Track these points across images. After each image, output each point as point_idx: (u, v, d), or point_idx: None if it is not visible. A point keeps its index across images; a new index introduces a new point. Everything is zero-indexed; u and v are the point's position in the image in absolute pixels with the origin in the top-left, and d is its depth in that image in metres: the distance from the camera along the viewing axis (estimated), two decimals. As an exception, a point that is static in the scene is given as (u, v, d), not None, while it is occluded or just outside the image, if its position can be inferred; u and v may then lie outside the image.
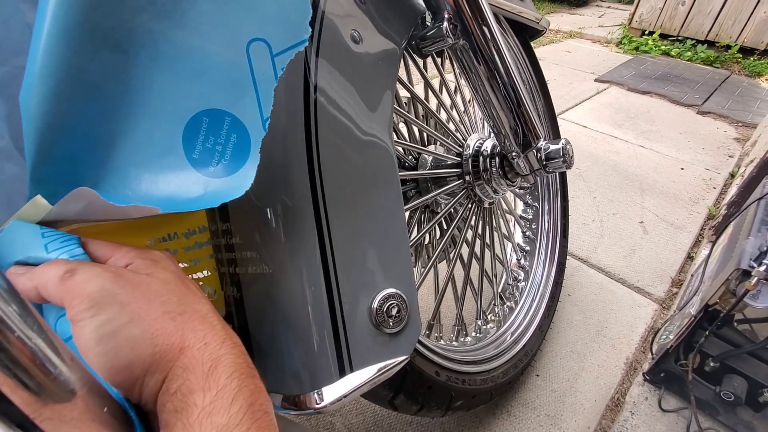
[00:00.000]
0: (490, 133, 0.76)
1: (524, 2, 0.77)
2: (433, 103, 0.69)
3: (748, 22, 2.69)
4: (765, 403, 0.69)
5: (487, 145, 0.64)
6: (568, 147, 0.58)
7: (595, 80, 2.34)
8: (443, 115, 0.69)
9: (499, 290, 0.83)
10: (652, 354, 0.82)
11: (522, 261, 0.88)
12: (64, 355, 0.16)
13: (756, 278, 0.62)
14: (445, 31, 0.47)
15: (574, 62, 2.61)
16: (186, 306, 0.26)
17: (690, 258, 1.15)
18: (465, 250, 0.69)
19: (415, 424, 0.73)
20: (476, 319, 0.73)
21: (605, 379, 0.83)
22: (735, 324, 0.70)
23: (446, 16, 0.48)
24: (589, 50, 2.89)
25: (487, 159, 0.63)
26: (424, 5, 0.50)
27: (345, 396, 0.37)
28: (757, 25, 2.67)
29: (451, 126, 0.67)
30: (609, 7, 4.27)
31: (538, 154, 0.59)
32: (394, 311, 0.40)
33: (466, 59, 0.53)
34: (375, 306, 0.39)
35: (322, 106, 0.37)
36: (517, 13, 0.72)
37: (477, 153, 0.64)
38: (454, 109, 0.68)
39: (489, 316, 0.77)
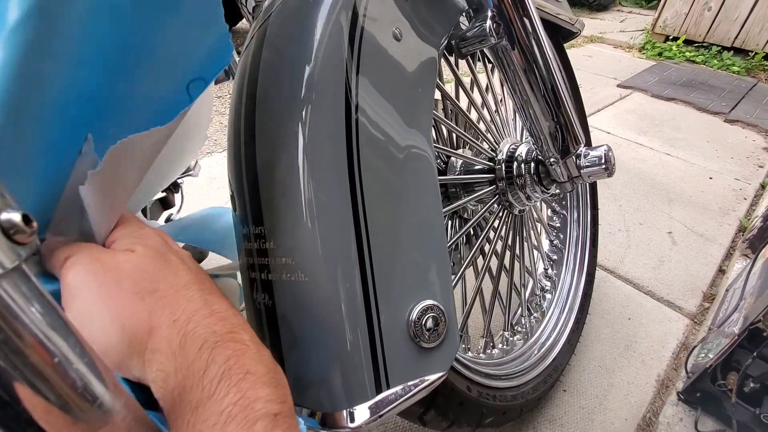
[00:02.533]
0: (523, 136, 0.73)
1: (560, 3, 0.74)
2: (463, 103, 0.66)
3: (777, 29, 2.61)
4: (812, 429, 0.65)
5: (522, 150, 0.62)
6: (609, 154, 0.55)
7: (618, 86, 2.29)
8: (474, 117, 0.66)
9: (527, 301, 0.80)
10: (686, 372, 0.78)
11: (549, 270, 0.85)
12: (108, 381, 0.14)
13: (808, 297, 0.58)
14: (488, 31, 0.45)
15: (595, 67, 2.56)
16: (159, 282, 0.25)
17: (722, 271, 1.10)
18: (492, 258, 0.66)
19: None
20: (503, 330, 0.70)
21: (636, 396, 0.79)
22: (780, 344, 0.66)
23: (489, 14, 0.46)
24: (610, 55, 2.84)
25: (522, 164, 0.61)
26: (464, 2, 0.48)
27: (381, 415, 0.35)
28: (787, 32, 2.59)
29: (483, 128, 0.65)
30: (630, 12, 4.20)
31: (578, 161, 0.56)
32: (432, 324, 0.38)
33: (505, 59, 0.51)
34: (413, 318, 0.37)
35: (364, 126, 0.35)
36: (555, 14, 0.69)
37: (511, 158, 0.62)
38: (485, 110, 0.66)
39: (516, 328, 0.74)
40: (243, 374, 0.21)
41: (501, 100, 0.71)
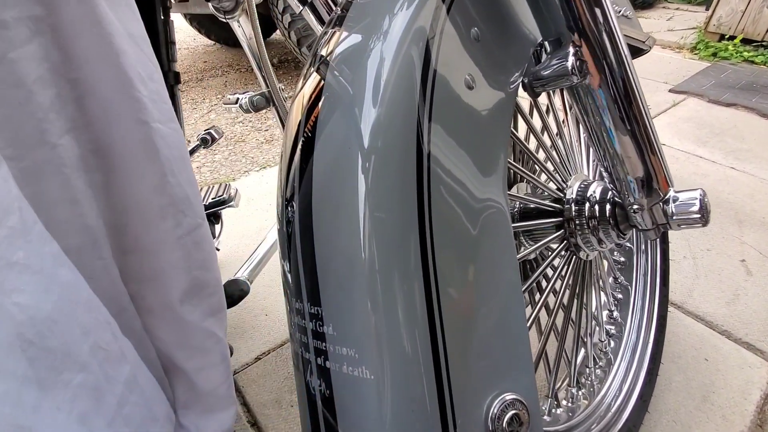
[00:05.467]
0: (596, 174, 0.66)
1: (631, 20, 0.66)
2: (521, 134, 0.60)
3: None
4: None
5: (596, 189, 0.55)
6: (705, 200, 0.48)
7: (670, 91, 2.13)
8: (536, 149, 0.60)
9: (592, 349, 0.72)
10: (782, 436, 0.68)
11: (614, 312, 0.77)
12: None
13: None
14: (570, 69, 0.39)
15: (643, 71, 2.40)
16: None
17: (809, 307, 0.98)
18: (553, 304, 0.59)
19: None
20: (568, 386, 0.63)
21: (718, 459, 0.70)
22: None
23: (572, 50, 0.39)
24: (659, 57, 2.67)
25: (596, 205, 0.54)
26: (539, 33, 0.42)
27: None
28: None
29: (549, 166, 0.58)
30: (677, 9, 3.96)
31: (666, 206, 0.49)
32: (513, 423, 0.32)
33: (585, 97, 0.44)
34: (493, 417, 0.32)
35: (437, 175, 0.30)
36: (629, 34, 0.62)
37: (582, 198, 0.55)
38: (547, 137, 0.59)
39: (581, 380, 0.67)
40: None
41: (563, 122, 0.65)
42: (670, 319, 0.93)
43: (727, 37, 2.76)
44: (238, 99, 0.84)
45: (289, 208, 0.35)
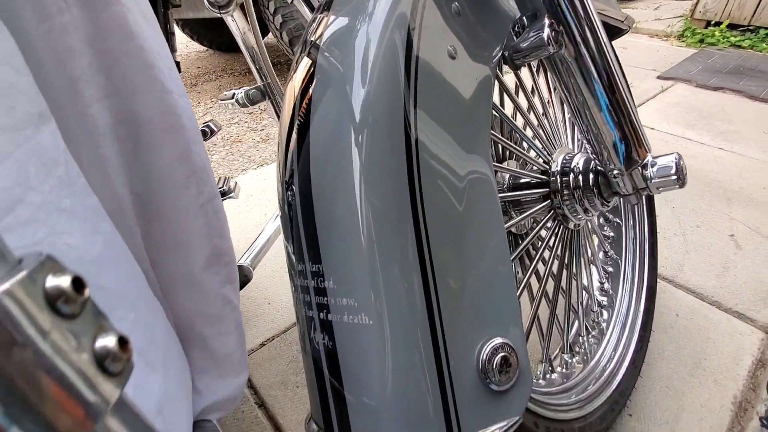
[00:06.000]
0: (575, 145, 0.69)
1: (609, 1, 0.69)
2: (507, 111, 0.63)
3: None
4: None
5: (579, 160, 0.57)
6: (681, 162, 0.50)
7: (658, 77, 2.17)
8: (520, 125, 0.62)
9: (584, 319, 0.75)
10: (770, 395, 0.71)
11: (605, 285, 0.79)
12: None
13: None
14: (546, 40, 0.42)
15: (632, 59, 2.44)
16: None
17: (796, 277, 1.01)
18: (543, 272, 0.62)
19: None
20: (561, 352, 0.66)
21: (711, 420, 0.72)
22: None
23: (547, 21, 0.42)
24: (647, 45, 2.70)
25: (580, 176, 0.56)
26: (517, 9, 0.45)
27: (453, 470, 0.32)
28: None
29: (537, 143, 0.61)
30: (664, -1, 4.00)
31: (645, 171, 0.51)
32: (503, 364, 0.35)
33: (562, 67, 0.47)
34: (483, 359, 0.34)
35: (424, 143, 0.33)
36: (605, 13, 0.65)
37: (567, 169, 0.57)
38: (533, 115, 0.62)
39: (575, 348, 0.69)
40: None
41: (549, 102, 0.67)
42: (661, 293, 0.96)
43: (713, 23, 2.80)
44: (234, 94, 0.87)
45: (289, 192, 0.37)
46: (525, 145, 0.60)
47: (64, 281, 0.08)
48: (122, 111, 0.33)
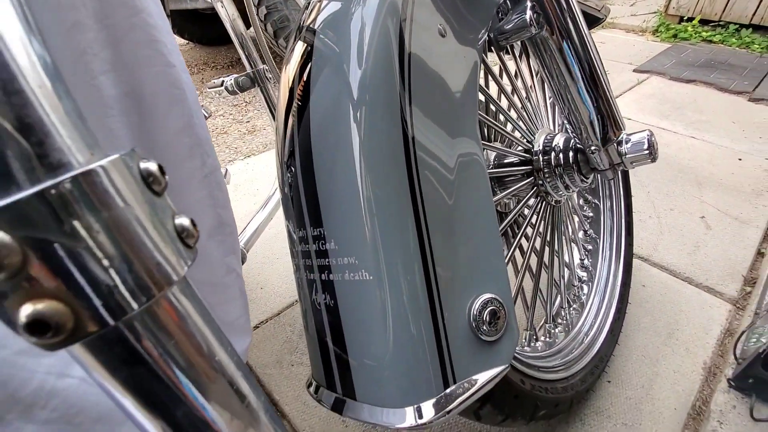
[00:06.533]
0: (557, 126, 0.73)
1: (586, -11, 0.73)
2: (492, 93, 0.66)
3: (798, 2, 2.53)
4: None
5: (559, 139, 0.61)
6: (652, 138, 0.54)
7: (634, 71, 2.24)
8: (507, 108, 0.66)
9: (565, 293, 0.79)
10: (736, 359, 0.77)
11: (585, 261, 0.84)
12: (251, 381, 0.14)
13: None
14: (529, 21, 0.45)
15: (609, 53, 2.51)
16: None
17: (761, 254, 1.07)
18: (525, 246, 0.65)
19: (484, 433, 0.70)
20: (545, 323, 0.70)
21: (683, 385, 0.77)
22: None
23: (529, 4, 0.45)
24: (623, 40, 2.79)
25: (560, 153, 0.60)
26: (501, -7, 0.48)
27: (448, 411, 0.35)
28: (809, 5, 2.50)
29: (516, 119, 0.64)
30: (640, -4, 4.11)
31: (620, 147, 0.55)
32: (492, 317, 0.38)
33: (543, 47, 0.50)
34: (474, 312, 0.37)
35: (418, 116, 0.35)
36: (586, 2, 0.68)
37: (548, 148, 0.61)
38: (516, 98, 0.65)
39: (557, 320, 0.73)
40: None
41: (531, 87, 0.71)
42: (637, 271, 1.01)
43: (686, 18, 2.91)
44: (222, 81, 0.87)
45: (289, 173, 0.39)
46: (509, 126, 0.64)
47: (153, 165, 0.10)
48: (128, 83, 0.35)
